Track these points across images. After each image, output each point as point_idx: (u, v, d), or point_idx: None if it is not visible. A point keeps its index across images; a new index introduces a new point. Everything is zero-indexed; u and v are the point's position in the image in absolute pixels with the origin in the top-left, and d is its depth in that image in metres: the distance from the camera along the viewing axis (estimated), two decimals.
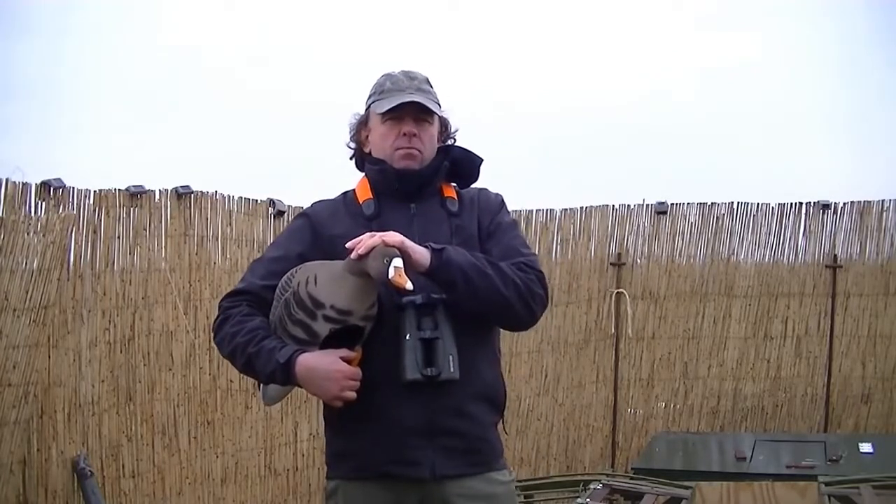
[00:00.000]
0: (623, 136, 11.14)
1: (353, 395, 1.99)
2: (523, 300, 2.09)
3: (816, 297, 6.84)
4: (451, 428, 2.07)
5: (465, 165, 2.25)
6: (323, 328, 1.99)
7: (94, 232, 4.25)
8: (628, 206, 6.97)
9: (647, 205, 6.97)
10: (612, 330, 6.93)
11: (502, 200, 2.29)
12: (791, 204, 6.90)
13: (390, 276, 1.90)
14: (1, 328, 3.68)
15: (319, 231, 2.17)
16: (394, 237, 1.96)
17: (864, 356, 6.79)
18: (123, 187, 4.43)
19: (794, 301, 6.88)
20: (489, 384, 2.15)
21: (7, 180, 3.76)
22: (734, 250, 6.94)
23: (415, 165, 2.17)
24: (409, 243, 1.98)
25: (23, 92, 9.36)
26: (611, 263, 6.93)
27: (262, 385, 2.21)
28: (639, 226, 6.97)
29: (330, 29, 11.62)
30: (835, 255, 6.83)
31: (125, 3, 10.25)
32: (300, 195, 5.63)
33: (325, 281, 1.98)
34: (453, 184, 2.26)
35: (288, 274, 2.06)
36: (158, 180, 4.80)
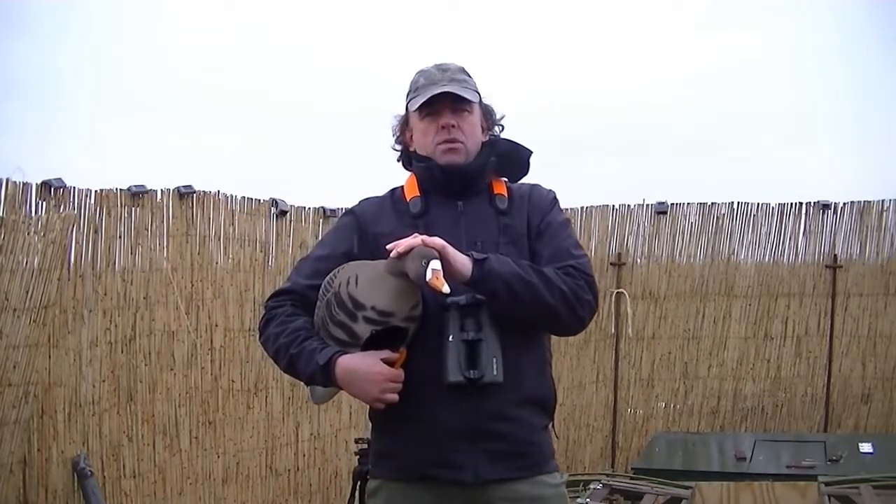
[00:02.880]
0: (623, 137, 11.16)
1: (394, 397, 1.95)
2: (570, 307, 2.02)
3: (816, 297, 6.85)
4: (495, 432, 2.01)
5: (513, 159, 2.18)
6: (364, 330, 1.95)
7: (95, 232, 4.24)
8: (628, 206, 6.97)
9: (647, 205, 6.97)
10: (613, 330, 6.93)
11: (554, 197, 2.22)
12: (791, 204, 6.91)
13: (427, 279, 1.84)
14: (1, 328, 3.68)
15: (365, 229, 2.12)
16: (435, 241, 1.90)
17: (864, 356, 6.79)
18: (125, 187, 4.43)
19: (794, 301, 6.88)
20: (536, 387, 2.08)
21: (7, 180, 3.77)
22: (734, 250, 6.95)
23: (459, 159, 2.10)
24: (450, 250, 1.92)
25: (23, 92, 9.37)
26: (611, 263, 6.93)
27: (308, 385, 2.16)
28: (639, 226, 6.97)
29: (330, 29, 11.63)
30: (835, 255, 6.83)
31: (126, 3, 10.26)
32: (303, 195, 5.63)
33: (365, 282, 1.94)
34: (504, 178, 2.19)
35: (331, 274, 2.02)
36: (161, 180, 4.81)
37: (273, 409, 5.27)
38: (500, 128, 2.22)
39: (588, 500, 4.26)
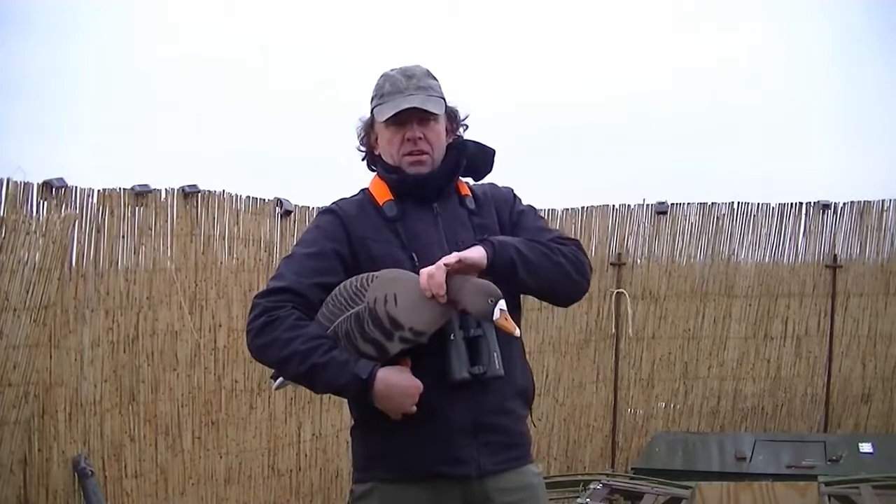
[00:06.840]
0: (623, 136, 11.16)
1: (415, 408, 1.98)
2: (576, 268, 2.13)
3: (816, 297, 6.86)
4: (494, 424, 2.08)
5: (479, 159, 2.25)
6: (395, 348, 1.97)
7: (98, 231, 4.26)
8: (628, 206, 6.98)
9: (647, 205, 6.98)
10: (613, 330, 6.94)
11: (513, 191, 2.29)
12: (791, 204, 6.91)
13: (495, 318, 1.90)
14: (1, 328, 3.69)
15: (350, 230, 2.12)
16: (450, 258, 1.94)
17: (864, 356, 6.80)
18: (128, 186, 4.44)
19: (794, 301, 6.89)
20: (523, 379, 2.17)
21: (8, 180, 3.78)
22: (734, 250, 6.95)
23: (425, 170, 2.15)
24: (465, 254, 1.97)
25: (25, 92, 9.36)
26: (611, 263, 6.94)
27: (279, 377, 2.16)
28: (639, 226, 6.98)
29: (331, 31, 11.64)
30: (835, 255, 6.84)
31: (128, 2, 10.26)
32: (307, 195, 5.63)
33: (406, 303, 1.94)
34: (467, 179, 2.25)
35: (354, 284, 2.00)
36: (165, 180, 4.81)
37: (276, 410, 5.28)
38: (465, 128, 2.27)
39: (588, 500, 4.27)
